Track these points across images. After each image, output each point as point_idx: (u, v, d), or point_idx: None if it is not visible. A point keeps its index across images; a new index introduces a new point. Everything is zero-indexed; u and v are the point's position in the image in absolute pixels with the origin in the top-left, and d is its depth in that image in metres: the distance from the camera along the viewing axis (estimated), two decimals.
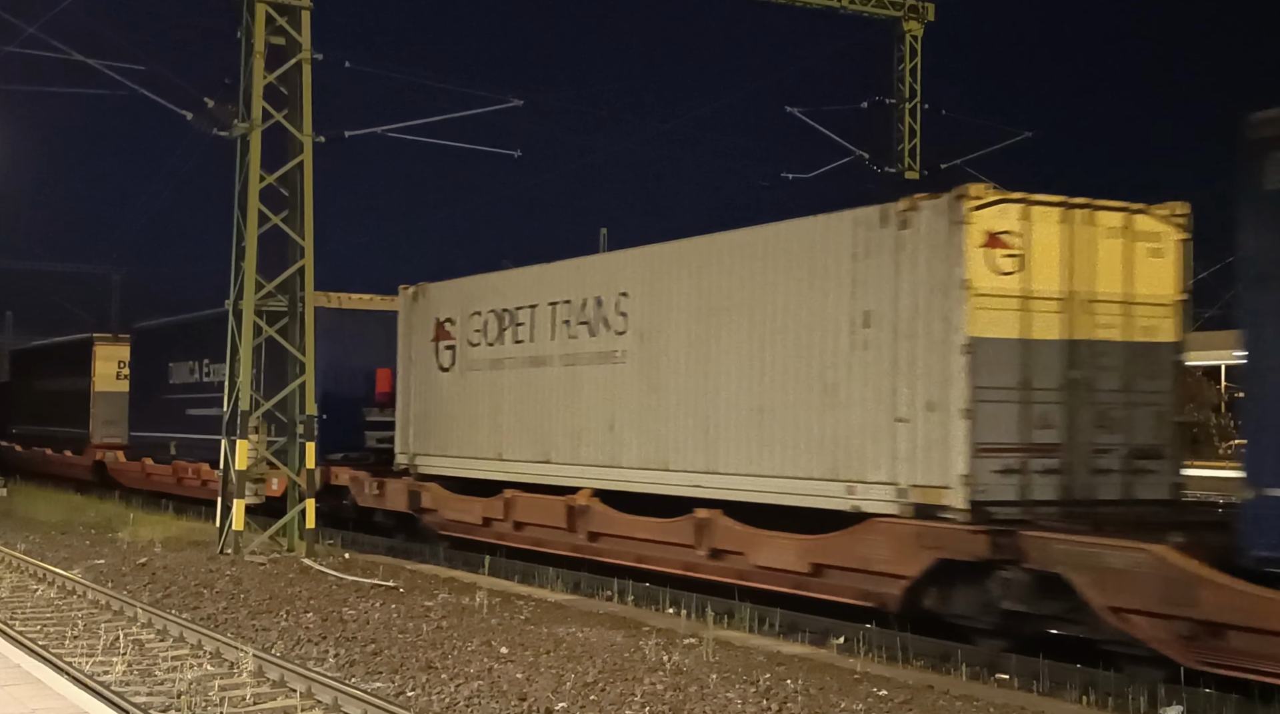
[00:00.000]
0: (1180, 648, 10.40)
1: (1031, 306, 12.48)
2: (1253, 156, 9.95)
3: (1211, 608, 10.02)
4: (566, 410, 17.44)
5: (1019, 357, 12.44)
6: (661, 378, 15.80)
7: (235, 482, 19.35)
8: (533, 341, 18.16)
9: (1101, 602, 10.88)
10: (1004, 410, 12.33)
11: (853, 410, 13.21)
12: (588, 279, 17.27)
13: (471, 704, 9.78)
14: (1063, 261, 12.61)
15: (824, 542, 13.45)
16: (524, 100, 23.84)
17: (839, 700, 10.00)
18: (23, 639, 12.11)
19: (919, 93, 30.52)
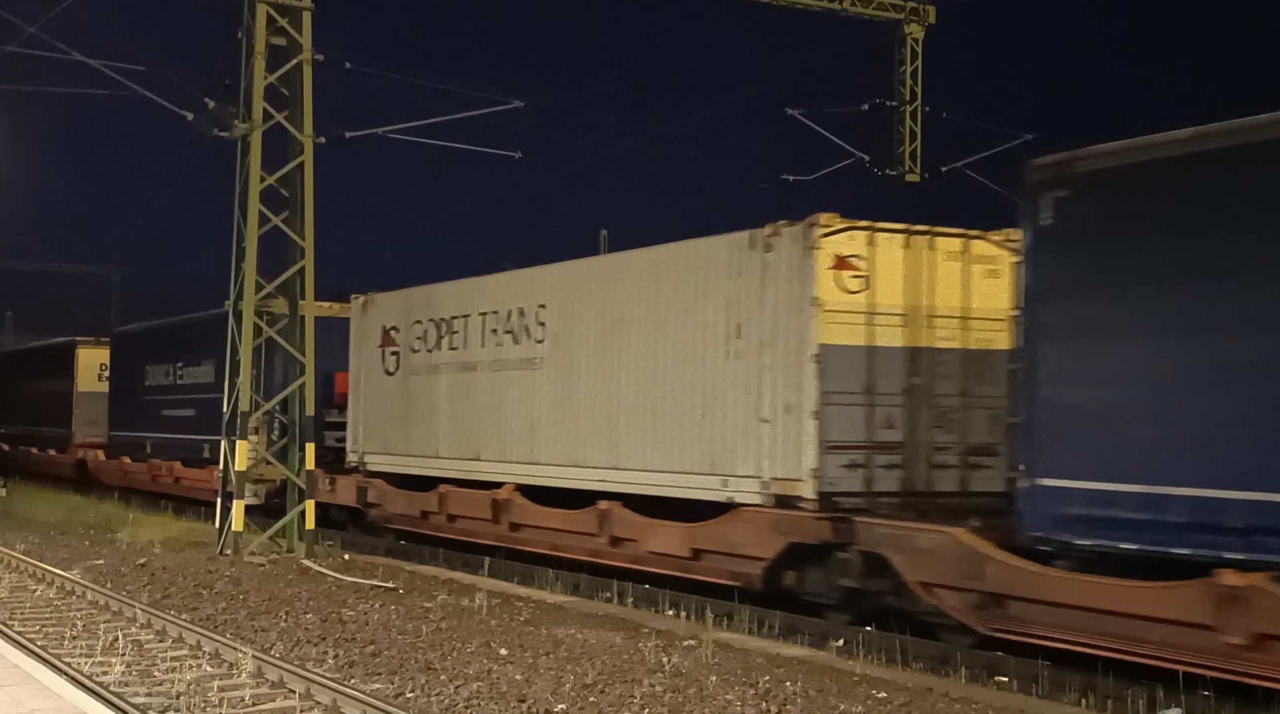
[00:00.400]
0: (974, 616, 12.06)
1: (876, 320, 14.02)
2: (1031, 196, 11.57)
3: (995, 581, 11.75)
4: (493, 412, 18.97)
5: (864, 364, 13.97)
6: (573, 383, 17.34)
7: (235, 482, 19.35)
8: (465, 348, 19.75)
9: (913, 577, 12.69)
10: (850, 412, 13.88)
11: (727, 412, 14.76)
12: (513, 292, 18.84)
13: (471, 706, 9.77)
14: (906, 281, 14.12)
15: (701, 529, 15.12)
16: (525, 101, 23.85)
17: (838, 703, 10.00)
18: (22, 639, 12.11)
19: (920, 95, 30.49)
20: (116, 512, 27.08)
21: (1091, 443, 10.99)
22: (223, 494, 19.76)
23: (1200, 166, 10.40)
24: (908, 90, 30.48)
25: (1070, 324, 11.25)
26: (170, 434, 29.62)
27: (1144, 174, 10.86)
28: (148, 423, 31.16)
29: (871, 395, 13.99)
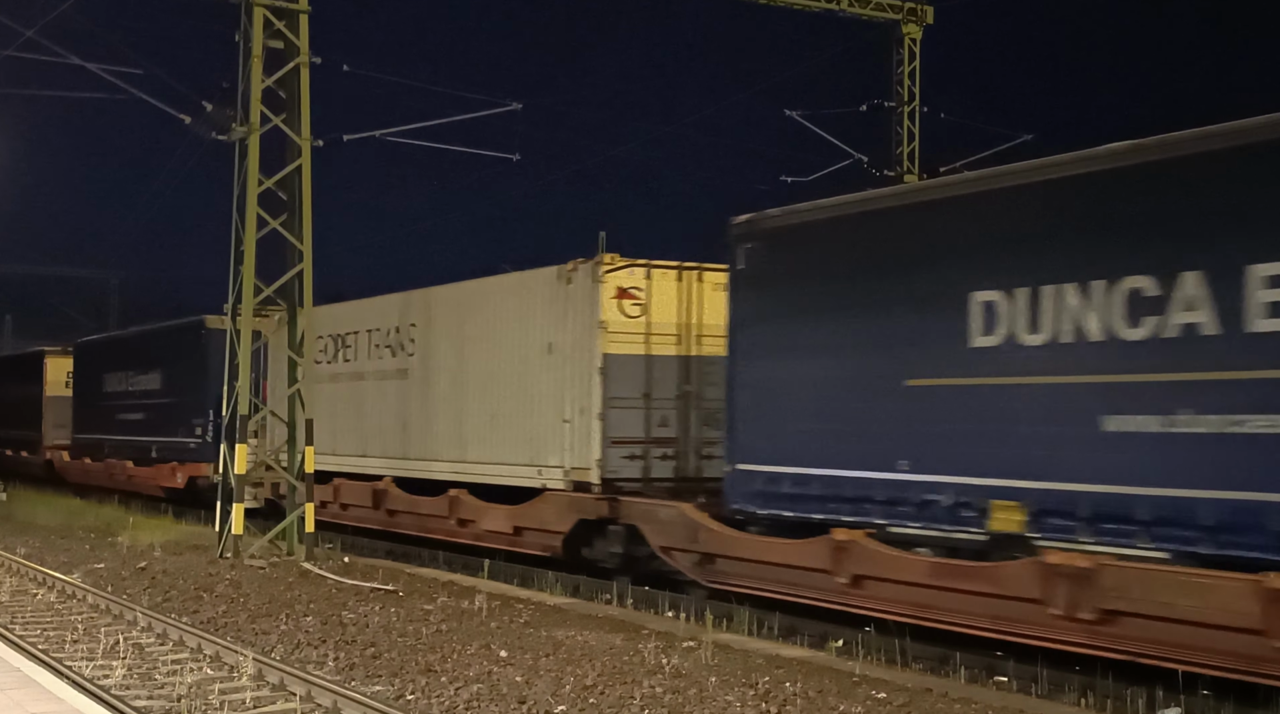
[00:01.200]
0: (697, 572, 15.49)
1: (652, 339, 17.13)
2: (730, 247, 15.12)
3: (706, 544, 15.17)
4: (377, 415, 22.30)
5: (643, 374, 17.10)
6: (433, 390, 20.61)
7: (235, 486, 19.36)
8: (356, 360, 23.19)
9: (656, 543, 16.10)
10: (631, 414, 17.02)
11: (543, 415, 17.86)
12: (391, 312, 22.02)
13: (471, 707, 9.79)
14: (679, 306, 17.28)
15: (521, 509, 18.36)
16: (522, 104, 23.88)
17: (838, 703, 10.02)
18: (23, 643, 12.12)
19: (918, 96, 30.52)
20: (117, 515, 27.10)
21: (767, 436, 14.49)
22: (222, 497, 19.78)
23: (824, 228, 14.23)
24: (906, 91, 30.50)
25: (754, 346, 14.74)
26: (123, 436, 32.52)
27: (800, 232, 14.50)
28: (105, 426, 34.01)
29: (649, 400, 17.16)
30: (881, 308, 13.23)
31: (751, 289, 14.86)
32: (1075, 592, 11.09)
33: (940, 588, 12.36)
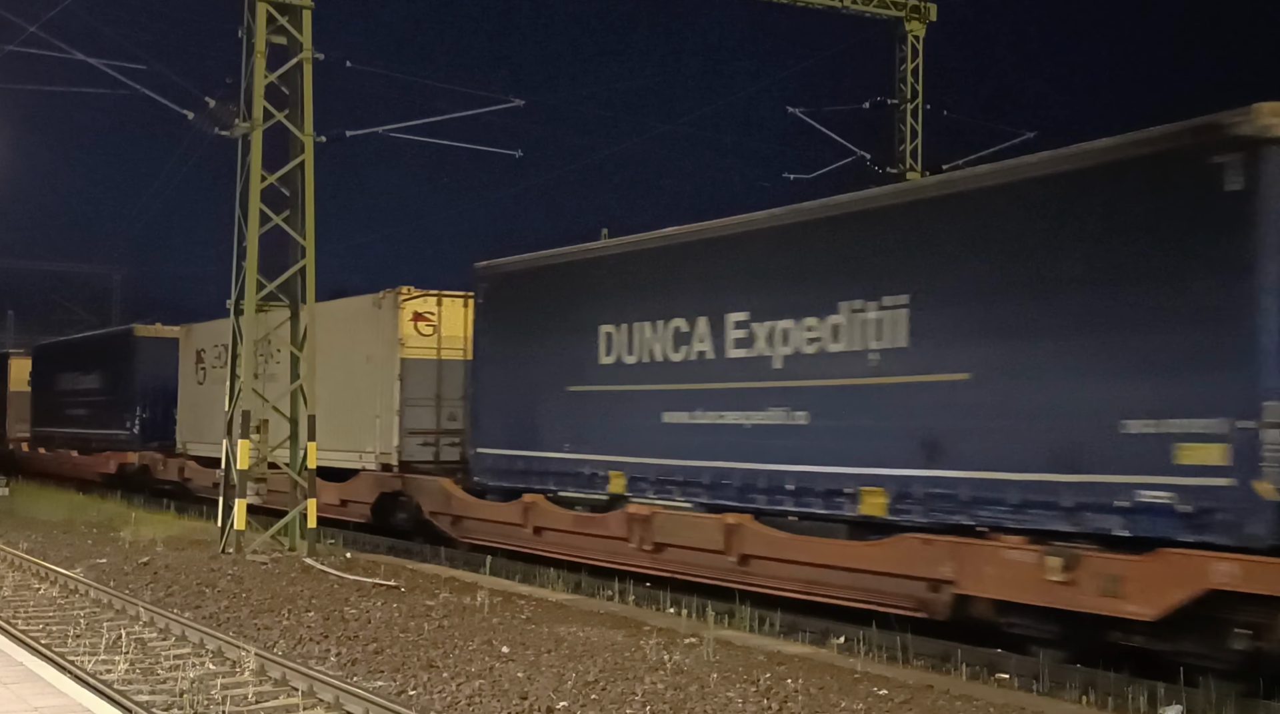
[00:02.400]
0: (454, 531, 20.09)
1: (443, 352, 21.36)
2: (474, 283, 20.06)
3: (457, 508, 19.96)
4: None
5: (434, 380, 21.51)
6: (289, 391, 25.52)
7: (237, 481, 19.38)
8: None
9: (427, 509, 20.77)
10: (424, 411, 21.54)
11: (363, 411, 22.09)
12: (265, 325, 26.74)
13: (473, 703, 9.80)
14: (465, 325, 21.12)
15: (346, 485, 22.90)
16: (525, 100, 23.89)
17: (839, 700, 10.03)
18: (25, 638, 12.14)
19: (920, 93, 30.48)
20: (119, 511, 27.13)
21: (491, 426, 19.37)
22: (224, 493, 19.79)
23: (524, 275, 19.18)
24: (909, 88, 30.47)
25: (485, 358, 19.71)
26: (70, 429, 37.29)
27: (510, 277, 19.44)
28: (57, 420, 38.57)
29: (440, 400, 21.57)
30: (554, 334, 18.19)
31: (484, 316, 19.92)
32: (643, 531, 16.33)
33: (581, 533, 17.42)
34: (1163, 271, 10.76)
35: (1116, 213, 11.16)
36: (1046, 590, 11.45)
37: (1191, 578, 10.42)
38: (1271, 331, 10.01)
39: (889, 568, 13.11)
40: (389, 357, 21.43)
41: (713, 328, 15.29)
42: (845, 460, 13.59)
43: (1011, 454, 11.77)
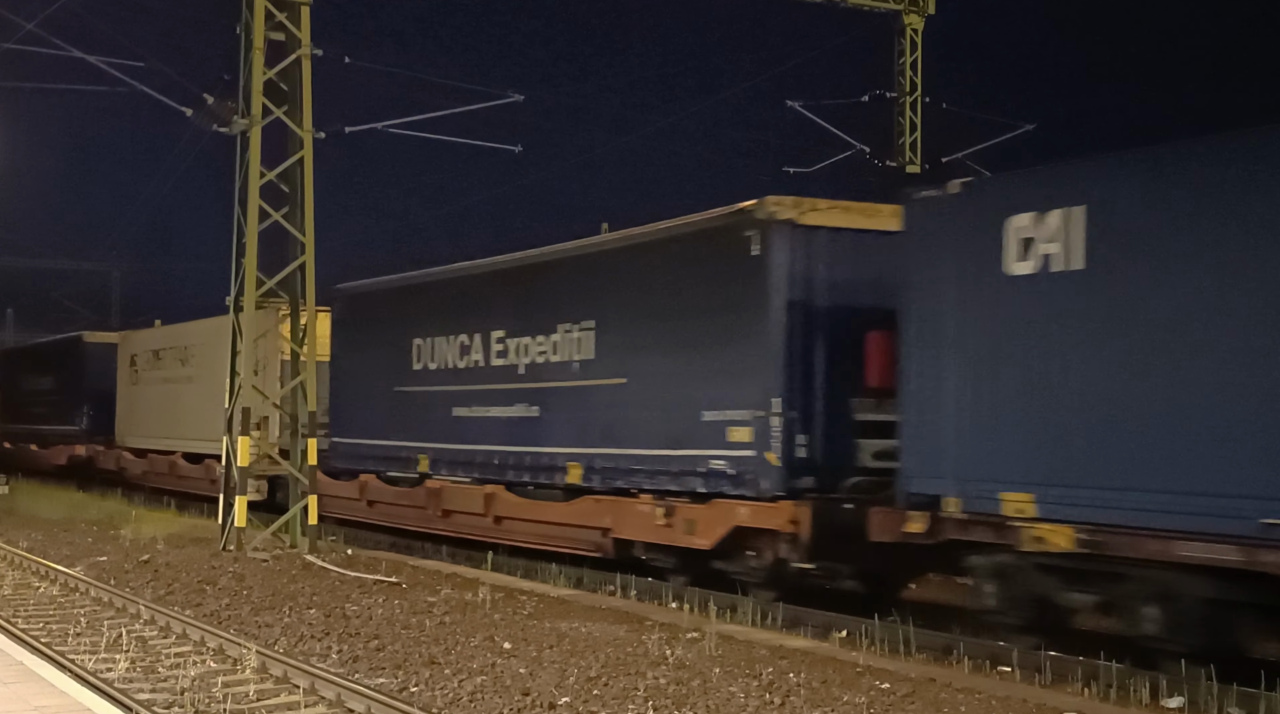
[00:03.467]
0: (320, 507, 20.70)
1: (317, 357, 21.69)
2: (333, 301, 23.49)
3: (323, 488, 21.10)
4: (175, 408, 30.51)
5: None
6: (198, 391, 28.72)
7: (238, 478, 19.37)
8: (164, 370, 31.85)
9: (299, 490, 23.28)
10: None
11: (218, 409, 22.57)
12: (186, 335, 30.84)
13: (475, 699, 9.79)
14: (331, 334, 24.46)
15: (200, 467, 28.13)
16: (524, 95, 23.81)
17: (841, 693, 10.02)
18: (26, 637, 12.12)
19: (920, 86, 30.41)
20: (119, 509, 27.14)
21: (343, 419, 23.24)
22: (225, 490, 19.79)
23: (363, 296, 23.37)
24: (908, 81, 30.41)
25: (339, 362, 23.66)
26: (31, 425, 41.38)
27: (355, 298, 23.53)
28: (21, 417, 42.44)
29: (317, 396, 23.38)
30: (385, 344, 22.07)
31: (338, 329, 23.83)
32: (437, 501, 20.48)
33: (399, 504, 21.66)
34: (720, 308, 15.23)
35: (698, 265, 15.66)
36: (658, 532, 16.15)
37: (728, 518, 15.02)
38: (777, 350, 14.44)
39: (579, 521, 17.65)
40: (273, 360, 24.84)
41: (483, 342, 19.66)
42: (559, 443, 17.99)
43: (647, 436, 16.34)
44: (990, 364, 12.02)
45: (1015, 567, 11.95)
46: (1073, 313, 11.37)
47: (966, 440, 12.15)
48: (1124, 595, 11.28)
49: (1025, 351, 11.73)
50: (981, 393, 12.06)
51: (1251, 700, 10.00)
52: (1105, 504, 10.98)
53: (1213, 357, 10.38)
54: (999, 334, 11.96)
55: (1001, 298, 11.92)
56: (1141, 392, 10.81)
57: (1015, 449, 11.73)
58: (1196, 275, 10.53)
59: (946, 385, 12.37)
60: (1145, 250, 10.95)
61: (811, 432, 14.42)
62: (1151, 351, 10.83)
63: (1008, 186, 12.51)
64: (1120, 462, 10.86)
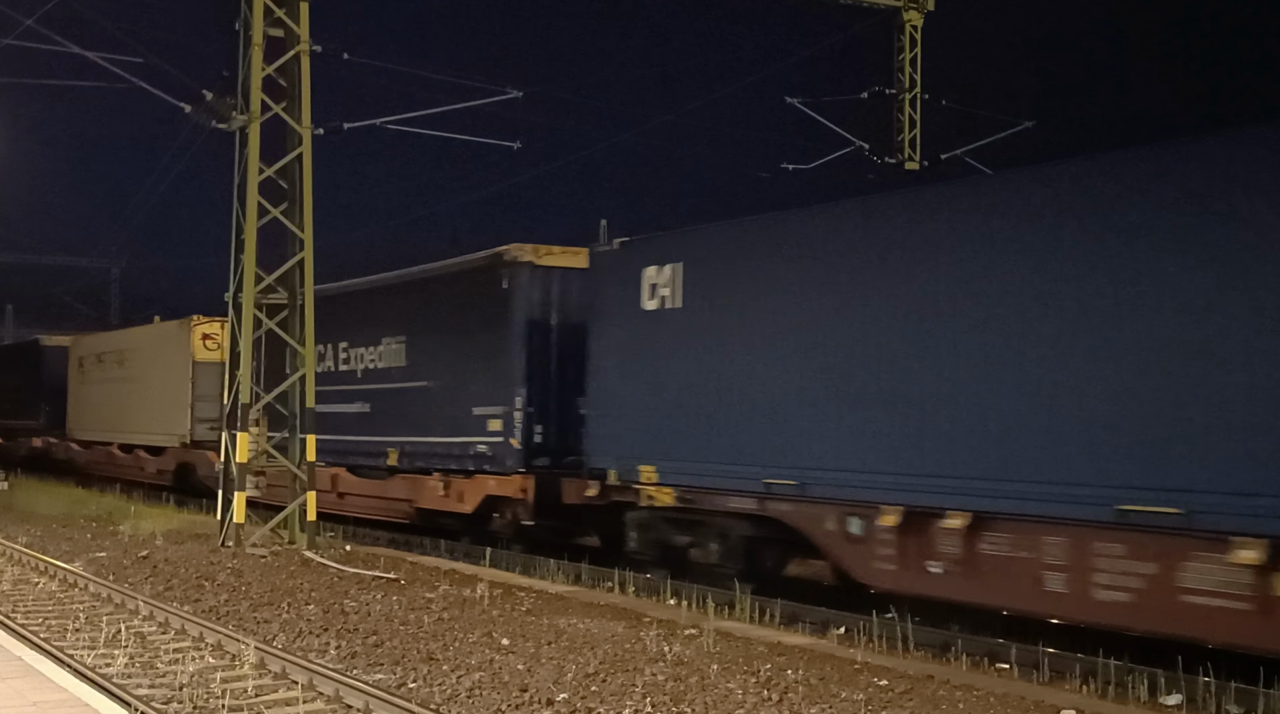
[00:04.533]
0: (211, 485, 24.39)
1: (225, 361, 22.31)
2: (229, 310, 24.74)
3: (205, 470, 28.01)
4: (119, 403, 34.64)
5: (218, 380, 25.57)
6: (137, 389, 33.02)
7: (236, 474, 19.37)
8: (106, 371, 36.01)
9: (200, 473, 28.74)
10: (210, 403, 28.03)
11: (171, 404, 29.93)
12: (124, 340, 35.67)
13: (473, 695, 9.79)
14: None
15: (160, 458, 31.68)
16: (523, 92, 23.79)
17: (839, 690, 10.02)
18: (24, 632, 12.13)
19: (919, 83, 30.40)
20: (118, 505, 27.13)
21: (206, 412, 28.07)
22: (224, 486, 19.80)
23: None
24: (907, 78, 30.40)
25: None
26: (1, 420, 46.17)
27: None
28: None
29: (221, 396, 24.06)
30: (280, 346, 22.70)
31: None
32: (333, 485, 23.61)
33: (276, 485, 20.95)
34: (483, 327, 19.71)
35: (470, 295, 20.16)
36: (441, 501, 20.58)
37: (483, 489, 19.55)
38: (520, 361, 18.84)
39: (394, 495, 22.26)
40: (185, 365, 29.90)
41: (333, 351, 24.08)
42: (383, 433, 22.35)
43: (440, 427, 20.50)
44: (632, 373, 16.56)
45: (648, 519, 16.53)
46: (675, 339, 15.90)
47: (620, 428, 16.65)
48: (703, 536, 15.83)
49: (651, 365, 16.23)
50: (627, 394, 16.58)
51: (1250, 698, 10.02)
52: (692, 473, 15.58)
53: (750, 375, 14.92)
54: (637, 353, 16.47)
55: (638, 326, 16.45)
56: (708, 399, 15.42)
57: (646, 435, 16.26)
58: (741, 316, 15.12)
59: (610, 387, 16.93)
60: (721, 294, 15.43)
61: (546, 422, 18.80)
62: (714, 370, 15.36)
63: (644, 246, 16.63)
64: (698, 445, 15.52)
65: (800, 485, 14.09)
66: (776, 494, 14.39)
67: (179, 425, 29.75)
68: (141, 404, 32.30)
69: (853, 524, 13.51)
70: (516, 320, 19.02)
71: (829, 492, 13.78)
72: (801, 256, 14.43)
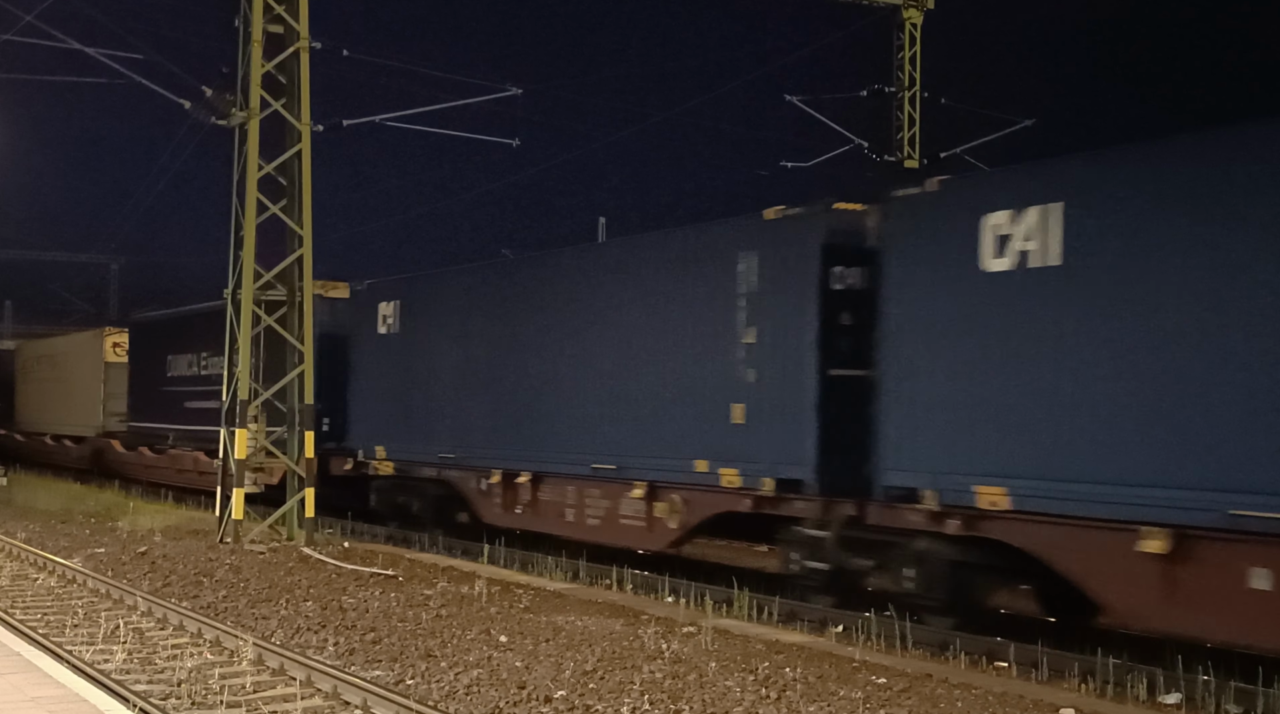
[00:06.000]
0: (121, 473, 33.61)
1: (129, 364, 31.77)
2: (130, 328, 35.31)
3: (113, 457, 34.83)
4: (45, 401, 40.52)
5: (125, 380, 33.42)
6: (57, 390, 38.96)
7: (235, 471, 19.36)
8: (41, 372, 41.21)
9: (109, 459, 34.99)
10: (120, 399, 33.55)
11: (88, 399, 35.35)
12: (55, 346, 40.80)
13: (471, 692, 9.79)
14: None
15: (80, 446, 36.88)
16: (522, 89, 23.80)
17: (837, 688, 10.02)
18: (23, 627, 12.13)
19: (918, 81, 30.41)
20: (117, 500, 27.12)
21: (135, 409, 32.65)
22: (222, 483, 19.79)
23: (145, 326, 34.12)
24: (906, 76, 30.40)
25: (134, 367, 32.97)
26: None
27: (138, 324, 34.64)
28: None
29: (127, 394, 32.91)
30: (156, 357, 30.92)
31: (133, 345, 33.49)
32: (172, 462, 29.06)
33: (157, 466, 29.82)
34: (281, 342, 21.70)
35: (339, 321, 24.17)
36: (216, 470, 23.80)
37: (282, 465, 20.83)
38: (313, 368, 20.68)
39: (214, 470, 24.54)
40: (98, 367, 35.24)
41: (196, 359, 28.83)
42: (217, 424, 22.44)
43: (220, 417, 22.99)
44: (368, 378, 22.54)
45: (386, 486, 22.11)
46: (395, 356, 21.74)
47: (363, 418, 22.54)
48: (411, 496, 21.50)
49: (381, 375, 22.12)
50: (366, 395, 22.57)
51: (1249, 697, 10.01)
52: (405, 452, 21.30)
53: (434, 381, 20.68)
54: (376, 365, 22.26)
55: (375, 346, 22.34)
56: (411, 399, 21.27)
57: (377, 423, 22.09)
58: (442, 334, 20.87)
59: (360, 390, 22.77)
60: (422, 324, 21.31)
61: (333, 416, 23.06)
62: (416, 378, 21.25)
63: (379, 286, 22.58)
64: (407, 431, 21.28)
65: (459, 457, 20.00)
66: (448, 464, 20.23)
67: (94, 418, 35.38)
68: (66, 400, 38.45)
69: (482, 482, 19.37)
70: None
71: (474, 462, 19.61)
72: (455, 301, 20.64)
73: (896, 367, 12.79)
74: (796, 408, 13.87)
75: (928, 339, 12.46)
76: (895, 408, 12.74)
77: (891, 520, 12.93)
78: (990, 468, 11.82)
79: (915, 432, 12.51)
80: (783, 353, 14.19)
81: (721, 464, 14.90)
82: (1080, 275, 11.16)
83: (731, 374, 14.88)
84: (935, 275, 12.43)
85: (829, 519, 13.79)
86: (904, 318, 12.75)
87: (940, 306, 12.35)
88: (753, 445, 14.49)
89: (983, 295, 11.92)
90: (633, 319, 16.65)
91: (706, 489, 15.24)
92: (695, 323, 15.56)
